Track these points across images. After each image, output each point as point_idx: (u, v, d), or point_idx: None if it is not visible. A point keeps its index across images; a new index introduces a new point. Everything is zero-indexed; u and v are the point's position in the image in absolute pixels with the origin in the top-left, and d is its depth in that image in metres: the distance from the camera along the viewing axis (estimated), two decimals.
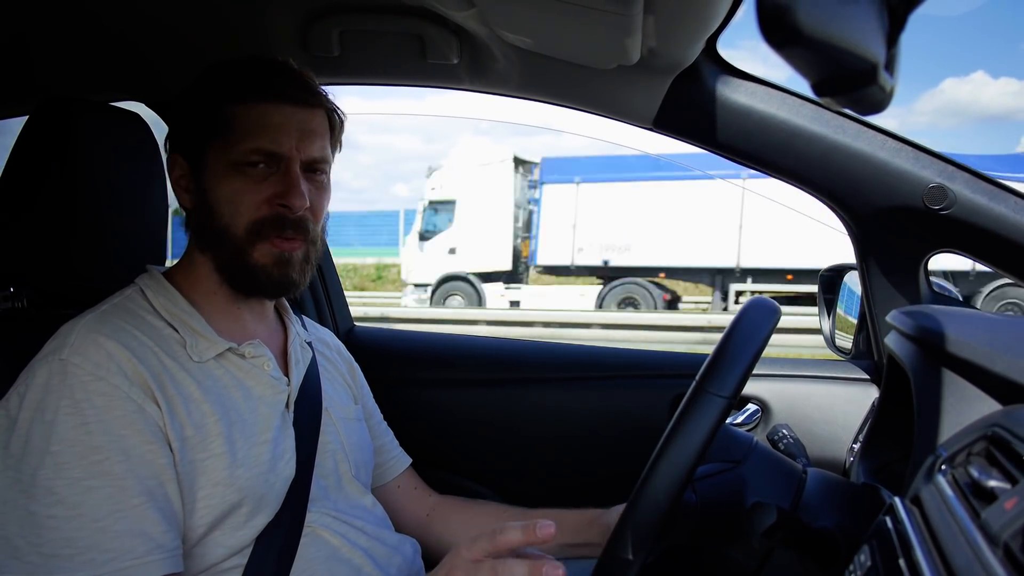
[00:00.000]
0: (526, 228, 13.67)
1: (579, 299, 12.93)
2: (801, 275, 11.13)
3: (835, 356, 1.45)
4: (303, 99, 0.92)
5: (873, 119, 1.14)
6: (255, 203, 0.89)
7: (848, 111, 1.09)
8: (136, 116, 1.10)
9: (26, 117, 1.02)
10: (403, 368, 1.52)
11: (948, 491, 0.52)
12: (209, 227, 0.91)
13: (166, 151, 0.97)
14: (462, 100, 1.37)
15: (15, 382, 0.79)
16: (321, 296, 1.64)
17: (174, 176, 0.94)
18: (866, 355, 1.35)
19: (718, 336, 0.76)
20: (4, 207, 1.01)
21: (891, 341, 0.97)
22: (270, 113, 0.89)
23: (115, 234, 1.05)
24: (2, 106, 1.32)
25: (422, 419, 1.48)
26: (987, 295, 9.73)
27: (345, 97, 0.99)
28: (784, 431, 1.02)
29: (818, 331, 1.49)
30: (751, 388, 1.36)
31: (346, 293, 1.73)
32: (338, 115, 0.97)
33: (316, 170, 0.93)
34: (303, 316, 1.13)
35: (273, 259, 0.90)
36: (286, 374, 0.96)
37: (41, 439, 0.74)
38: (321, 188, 0.94)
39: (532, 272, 13.81)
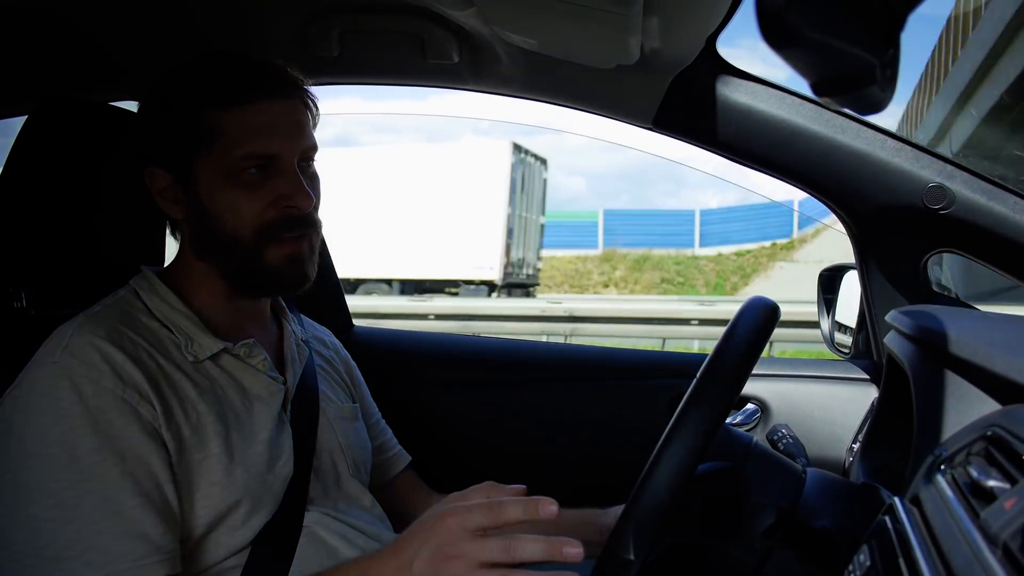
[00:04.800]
0: None
1: None
2: None
3: (834, 356, 1.45)
4: (284, 92, 0.88)
5: (871, 118, 1.14)
6: (260, 208, 0.86)
7: (848, 110, 1.09)
8: (136, 116, 1.10)
9: (26, 117, 1.02)
10: (402, 368, 1.52)
11: (947, 491, 0.52)
12: (211, 237, 0.88)
13: (139, 163, 0.90)
14: (463, 100, 1.37)
15: (11, 385, 0.79)
16: (320, 295, 1.64)
17: (156, 189, 0.89)
18: (865, 355, 1.35)
19: None
20: (3, 207, 1.01)
21: (891, 341, 0.97)
22: (255, 113, 0.86)
23: (114, 234, 1.05)
24: (2, 106, 1.32)
25: (421, 419, 1.48)
26: None
27: (346, 97, 0.98)
28: (783, 431, 1.02)
29: None
30: (750, 388, 1.36)
31: None
32: (312, 100, 0.93)
33: (308, 159, 0.91)
34: (301, 315, 1.13)
35: (286, 259, 0.88)
36: (282, 373, 0.95)
37: (37, 442, 0.74)
38: (314, 177, 0.92)
39: None
